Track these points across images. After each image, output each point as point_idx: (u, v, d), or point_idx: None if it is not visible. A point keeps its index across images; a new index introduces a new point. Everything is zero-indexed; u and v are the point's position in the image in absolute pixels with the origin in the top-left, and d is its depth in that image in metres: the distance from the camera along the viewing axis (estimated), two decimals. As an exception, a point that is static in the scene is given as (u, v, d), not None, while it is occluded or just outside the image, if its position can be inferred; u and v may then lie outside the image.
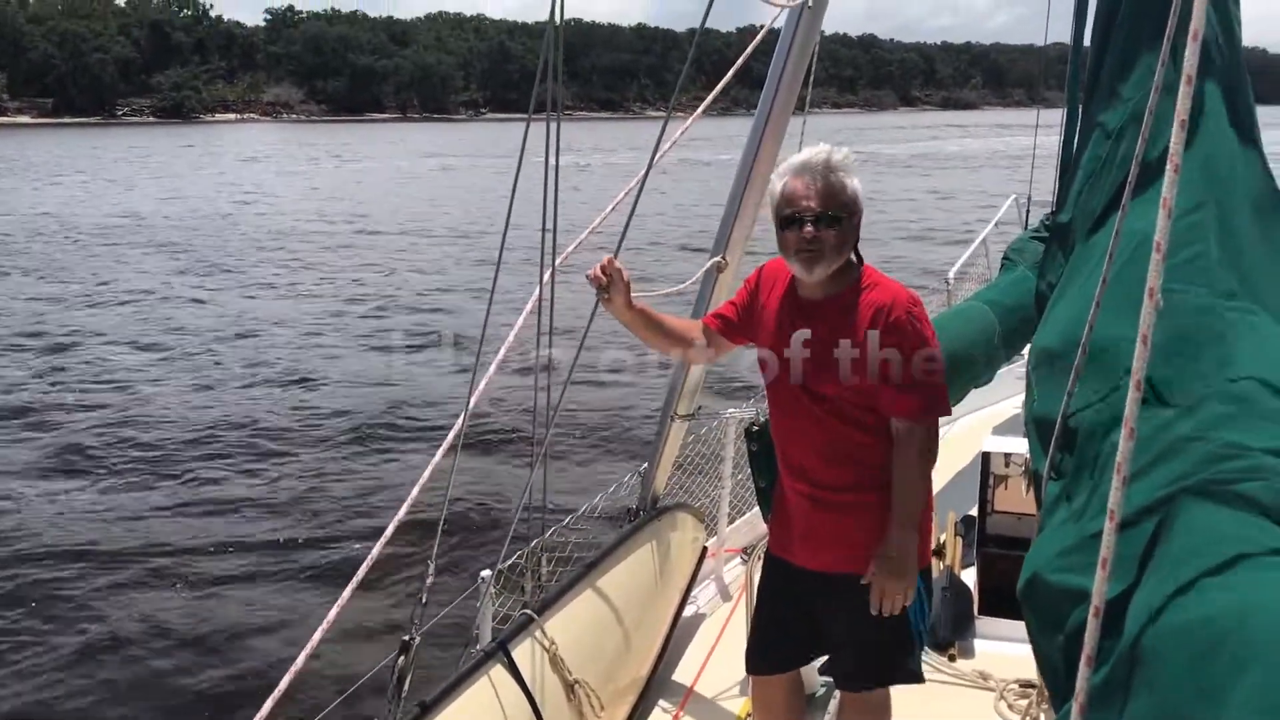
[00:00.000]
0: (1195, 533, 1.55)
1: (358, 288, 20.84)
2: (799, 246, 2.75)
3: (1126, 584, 1.59)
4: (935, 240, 25.50)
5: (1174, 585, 1.45)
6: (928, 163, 56.57)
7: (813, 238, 2.72)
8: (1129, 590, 1.58)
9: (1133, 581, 1.59)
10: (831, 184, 2.72)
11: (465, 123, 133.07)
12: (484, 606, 3.29)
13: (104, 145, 75.01)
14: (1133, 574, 1.60)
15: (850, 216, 2.76)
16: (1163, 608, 1.43)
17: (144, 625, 7.02)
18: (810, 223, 2.71)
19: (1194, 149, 2.35)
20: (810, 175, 2.72)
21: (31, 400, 12.57)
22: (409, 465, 9.95)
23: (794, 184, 2.74)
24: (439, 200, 38.53)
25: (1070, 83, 3.04)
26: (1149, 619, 1.45)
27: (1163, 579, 1.49)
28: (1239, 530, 1.49)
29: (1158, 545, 1.61)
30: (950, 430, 6.68)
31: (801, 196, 2.73)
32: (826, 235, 2.72)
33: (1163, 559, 1.56)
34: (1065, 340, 2.36)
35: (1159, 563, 1.56)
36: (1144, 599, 1.51)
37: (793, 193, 2.74)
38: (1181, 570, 1.47)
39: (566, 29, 2.91)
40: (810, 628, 3.07)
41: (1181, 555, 1.51)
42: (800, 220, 2.72)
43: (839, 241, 2.75)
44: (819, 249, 2.73)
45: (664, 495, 4.31)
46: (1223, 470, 1.68)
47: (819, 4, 3.36)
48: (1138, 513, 1.69)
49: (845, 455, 2.85)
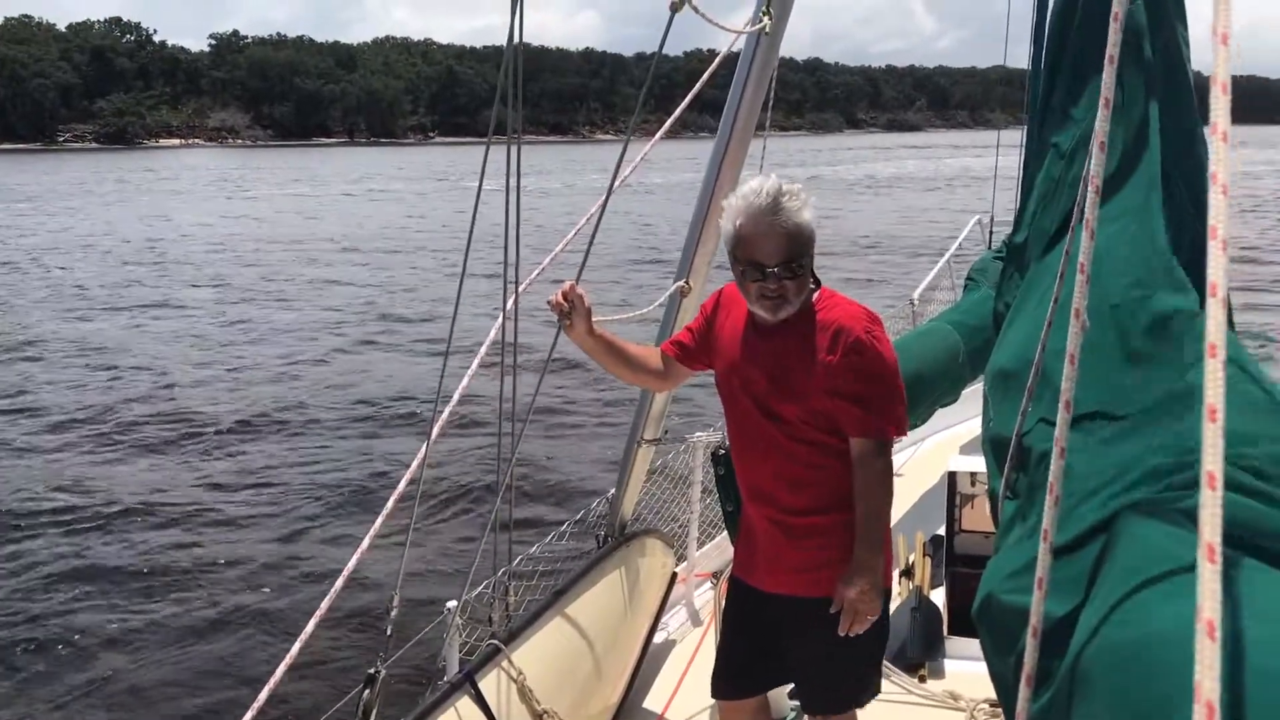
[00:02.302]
0: (1136, 551, 1.55)
1: (328, 302, 20.64)
2: (763, 293, 2.73)
3: (1074, 604, 1.59)
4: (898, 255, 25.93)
5: (1112, 604, 1.45)
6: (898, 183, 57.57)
7: (778, 288, 2.71)
8: (1076, 610, 1.58)
9: (1080, 601, 1.59)
10: (790, 232, 2.67)
11: (414, 147, 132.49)
12: (450, 637, 3.24)
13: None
14: (1080, 594, 1.60)
15: (810, 256, 2.74)
16: (1101, 627, 1.43)
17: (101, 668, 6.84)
18: (773, 275, 2.69)
19: (1140, 171, 2.41)
20: (768, 224, 2.66)
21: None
22: (374, 494, 9.81)
23: (750, 231, 2.68)
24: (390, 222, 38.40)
25: (1031, 105, 3.09)
26: (1088, 639, 1.45)
27: (1103, 598, 1.50)
28: (1180, 547, 1.49)
29: (1102, 565, 1.62)
30: (917, 450, 6.73)
31: (760, 248, 2.68)
32: (789, 284, 2.71)
33: (1104, 578, 1.57)
34: (1019, 360, 2.38)
35: (1100, 582, 1.57)
36: (1086, 619, 1.51)
37: (750, 240, 2.69)
38: (1120, 589, 1.46)
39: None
40: (776, 652, 3.05)
41: (1122, 574, 1.51)
42: (762, 271, 2.70)
43: (800, 285, 2.74)
44: (784, 297, 2.73)
45: (632, 521, 4.29)
46: (1171, 484, 1.70)
47: (776, 30, 3.38)
48: (1085, 532, 1.70)
49: (805, 478, 2.84)
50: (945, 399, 4.42)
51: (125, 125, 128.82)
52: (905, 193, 50.79)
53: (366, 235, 34.77)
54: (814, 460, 2.82)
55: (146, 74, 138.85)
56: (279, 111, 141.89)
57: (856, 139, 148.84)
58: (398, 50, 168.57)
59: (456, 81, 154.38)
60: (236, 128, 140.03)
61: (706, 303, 3.11)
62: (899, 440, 3.01)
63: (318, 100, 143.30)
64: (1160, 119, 2.47)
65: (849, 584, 2.76)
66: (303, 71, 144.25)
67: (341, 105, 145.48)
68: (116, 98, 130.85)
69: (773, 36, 3.39)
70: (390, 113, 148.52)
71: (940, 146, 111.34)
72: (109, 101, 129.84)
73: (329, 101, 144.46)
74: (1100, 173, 1.41)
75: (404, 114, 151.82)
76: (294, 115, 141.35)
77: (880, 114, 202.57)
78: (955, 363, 4.24)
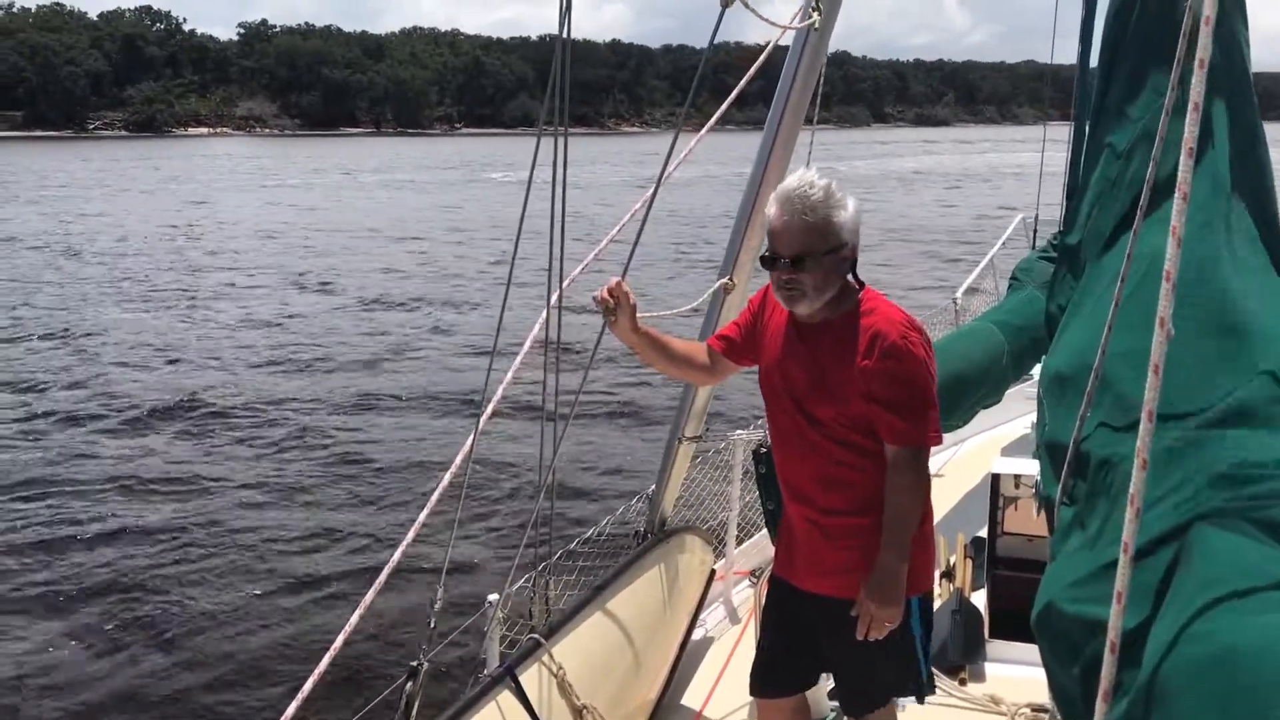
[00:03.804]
0: (1212, 562, 1.53)
1: (366, 296, 20.74)
2: (778, 284, 2.77)
3: (1144, 615, 1.58)
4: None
5: (1190, 618, 1.43)
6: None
7: (789, 279, 2.72)
8: (1146, 622, 1.56)
9: (1149, 613, 1.57)
10: (810, 223, 2.67)
11: (440, 137, 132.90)
12: (491, 631, 3.25)
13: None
14: (1149, 605, 1.58)
15: (833, 252, 2.71)
16: (1179, 641, 1.41)
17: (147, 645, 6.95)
18: (785, 265, 2.71)
19: (1201, 171, 2.36)
20: (790, 214, 2.69)
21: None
22: (417, 487, 9.88)
23: (774, 220, 2.72)
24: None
25: (1078, 104, 3.05)
26: (1166, 652, 1.43)
27: (1179, 611, 1.48)
28: (1258, 560, 1.47)
29: (1174, 575, 1.59)
30: (959, 451, 6.69)
31: (777, 236, 2.71)
32: (803, 276, 2.70)
33: (1179, 590, 1.55)
34: (1077, 364, 2.35)
35: (1176, 594, 1.55)
36: (1161, 632, 1.49)
37: (772, 230, 2.73)
38: (1198, 602, 1.45)
39: (543, 46, 2.92)
40: (814, 651, 3.04)
41: (1198, 586, 1.49)
42: (776, 260, 2.73)
43: (819, 280, 2.72)
44: (798, 289, 2.73)
45: (672, 517, 4.29)
46: (1240, 495, 1.67)
47: (826, 25, 3.36)
48: (1153, 542, 1.67)
49: (843, 479, 2.83)
50: (988, 400, 4.38)
51: (154, 113, 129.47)
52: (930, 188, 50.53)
53: (404, 224, 35.04)
54: (851, 461, 2.81)
55: (175, 62, 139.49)
56: (306, 101, 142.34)
57: (884, 133, 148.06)
58: (425, 41, 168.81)
59: (483, 72, 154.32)
60: (264, 116, 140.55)
61: (753, 299, 3.11)
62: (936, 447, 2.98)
63: (345, 90, 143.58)
64: (1225, 118, 2.44)
65: (868, 590, 2.76)
66: (330, 61, 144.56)
67: (368, 95, 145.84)
68: (146, 85, 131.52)
69: (822, 32, 3.36)
70: (417, 103, 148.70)
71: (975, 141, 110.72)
72: (138, 89, 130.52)
73: (356, 91, 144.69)
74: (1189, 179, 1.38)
75: (430, 104, 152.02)
76: (321, 104, 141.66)
77: (908, 108, 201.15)
78: (999, 363, 4.20)
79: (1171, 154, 2.18)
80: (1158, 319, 1.36)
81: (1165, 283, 1.36)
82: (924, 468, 2.79)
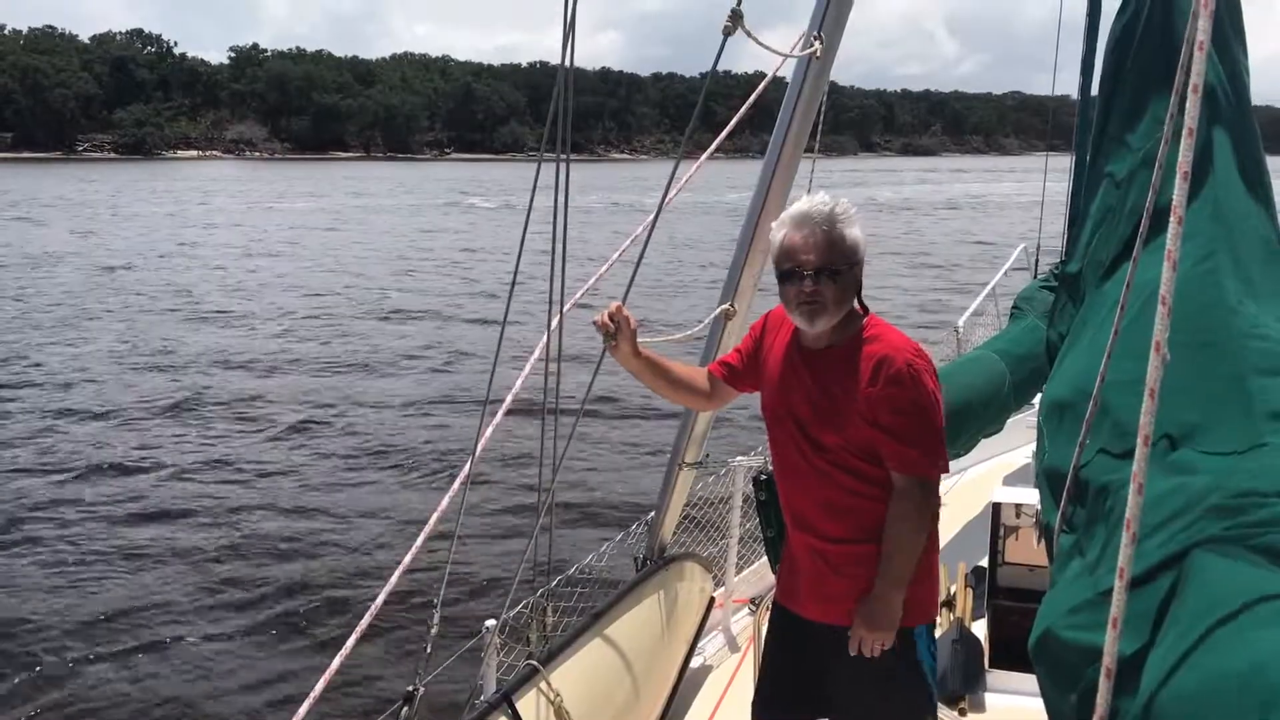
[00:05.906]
0: (1211, 589, 1.54)
1: (362, 328, 20.70)
2: (800, 300, 2.74)
3: (1141, 642, 1.57)
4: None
5: (1188, 644, 1.43)
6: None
7: (813, 292, 2.71)
8: (1144, 648, 1.56)
9: (1147, 640, 1.57)
10: (831, 237, 2.70)
11: (430, 162, 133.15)
12: (488, 657, 3.22)
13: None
14: (1147, 631, 1.58)
15: (851, 268, 2.74)
16: (1177, 667, 1.41)
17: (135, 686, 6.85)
18: (810, 277, 2.70)
19: (1202, 198, 2.38)
20: (810, 228, 2.71)
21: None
22: (414, 512, 9.84)
23: (793, 237, 2.73)
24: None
25: (1079, 133, 3.07)
26: (1163, 679, 1.43)
27: (1178, 638, 1.48)
28: (1255, 584, 1.47)
29: (1172, 602, 1.59)
30: (960, 480, 6.69)
31: (800, 250, 2.72)
32: (826, 289, 2.71)
33: (1177, 616, 1.55)
34: (1076, 391, 2.35)
35: (1174, 620, 1.55)
36: (1158, 658, 1.49)
37: (791, 246, 2.73)
38: (1198, 628, 1.45)
39: (534, 73, 2.93)
40: (817, 679, 3.02)
41: (1197, 613, 1.49)
42: (799, 275, 2.72)
43: (839, 294, 2.74)
44: (820, 303, 2.72)
45: (671, 544, 4.27)
46: (1239, 522, 1.67)
47: (827, 53, 3.38)
48: (1152, 569, 1.67)
49: (848, 506, 2.82)
50: (990, 428, 4.39)
51: (144, 136, 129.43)
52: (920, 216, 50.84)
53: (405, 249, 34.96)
54: (856, 488, 2.80)
55: (166, 85, 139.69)
56: (296, 125, 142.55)
57: (869, 162, 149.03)
58: (416, 66, 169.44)
59: (473, 99, 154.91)
60: (254, 140, 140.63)
61: (755, 325, 3.12)
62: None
63: (335, 114, 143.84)
64: (1228, 146, 2.45)
65: (860, 618, 2.77)
66: (321, 86, 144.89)
67: (359, 120, 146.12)
68: (136, 108, 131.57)
69: (823, 60, 3.39)
70: (407, 128, 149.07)
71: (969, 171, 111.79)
72: (128, 112, 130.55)
73: (346, 116, 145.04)
74: (1184, 203, 1.39)
75: (421, 130, 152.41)
76: (311, 129, 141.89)
77: (895, 138, 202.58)
78: (1000, 392, 4.21)
79: (1170, 181, 2.20)
80: (1153, 344, 1.36)
81: (1161, 307, 1.36)
82: (930, 497, 2.78)
